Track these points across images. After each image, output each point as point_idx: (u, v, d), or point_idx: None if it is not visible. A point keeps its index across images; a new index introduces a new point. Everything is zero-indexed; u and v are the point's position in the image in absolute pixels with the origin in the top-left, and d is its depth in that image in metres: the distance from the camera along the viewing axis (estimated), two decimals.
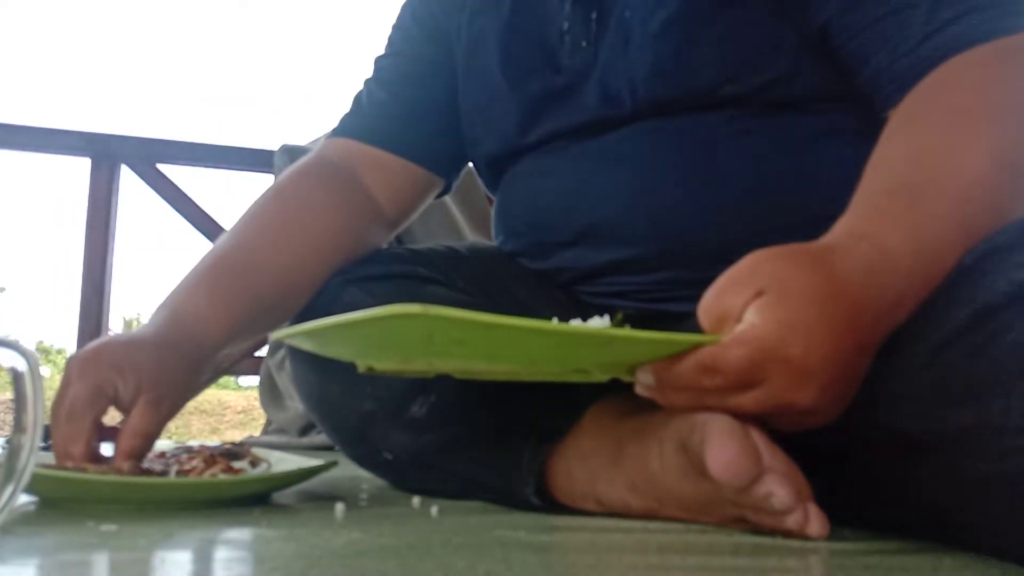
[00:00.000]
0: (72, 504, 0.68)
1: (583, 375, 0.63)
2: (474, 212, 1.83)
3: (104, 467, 0.71)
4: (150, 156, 2.77)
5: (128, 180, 2.76)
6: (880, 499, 0.63)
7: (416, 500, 0.75)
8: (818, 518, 0.59)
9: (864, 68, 0.73)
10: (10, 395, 0.44)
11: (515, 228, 0.91)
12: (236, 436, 4.97)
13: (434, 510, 0.70)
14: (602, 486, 0.70)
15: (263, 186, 0.96)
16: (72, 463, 0.70)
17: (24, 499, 0.69)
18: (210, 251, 0.87)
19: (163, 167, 2.78)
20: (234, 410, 8.72)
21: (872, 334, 0.57)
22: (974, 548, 0.58)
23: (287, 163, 1.81)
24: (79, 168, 2.72)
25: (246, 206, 0.92)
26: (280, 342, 0.80)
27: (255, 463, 0.81)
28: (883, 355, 0.58)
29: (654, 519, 0.68)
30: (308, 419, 1.73)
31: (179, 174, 2.81)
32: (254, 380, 2.48)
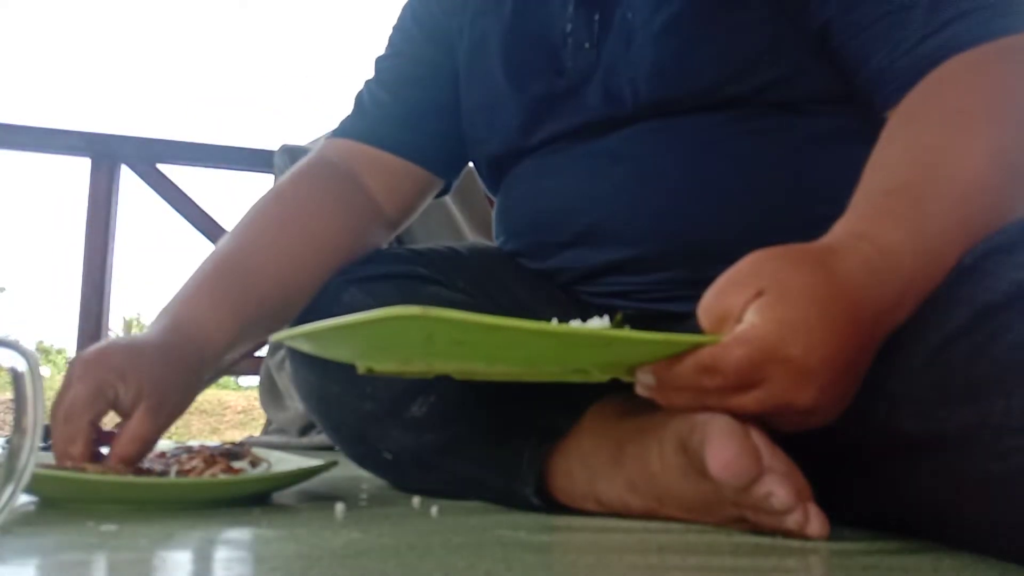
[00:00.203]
0: (72, 504, 0.68)
1: (583, 375, 0.63)
2: (474, 212, 1.83)
3: (104, 467, 0.71)
4: (150, 156, 2.77)
5: (128, 180, 2.76)
6: (880, 499, 0.63)
7: (416, 500, 0.75)
8: (818, 518, 0.59)
9: (864, 68, 0.73)
10: (10, 395, 0.44)
11: (516, 228, 0.91)
12: (236, 436, 4.98)
13: (434, 510, 0.70)
14: (602, 486, 0.70)
15: (263, 186, 0.97)
16: (71, 463, 0.70)
17: (24, 499, 0.69)
18: (210, 255, 0.87)
19: (163, 167, 2.78)
20: (234, 410, 8.73)
21: (872, 334, 0.57)
22: (974, 548, 0.58)
23: (287, 163, 1.81)
24: (79, 168, 2.73)
25: (246, 206, 0.92)
26: (280, 342, 0.80)
27: (255, 463, 0.81)
28: (883, 355, 0.58)
29: (654, 519, 0.68)
30: (308, 419, 1.73)
31: (179, 174, 2.81)
32: (254, 380, 2.48)
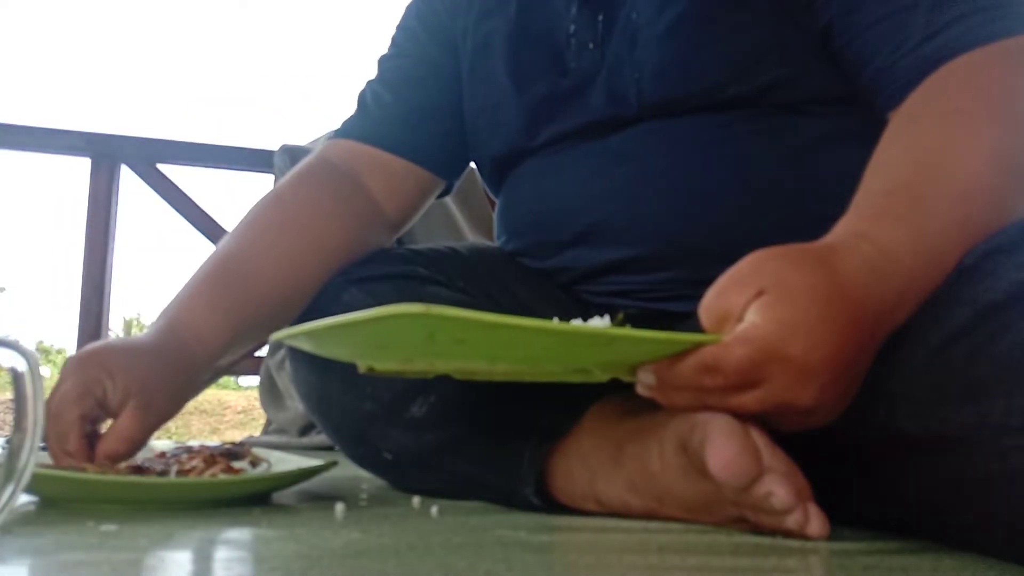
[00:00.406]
0: (72, 504, 0.68)
1: (584, 375, 0.63)
2: (474, 212, 1.83)
3: (104, 467, 0.71)
4: (150, 156, 2.77)
5: (128, 180, 2.76)
6: (880, 499, 0.63)
7: (416, 500, 0.75)
8: (818, 518, 0.59)
9: (865, 69, 0.73)
10: (10, 395, 0.44)
11: (518, 227, 0.91)
12: (236, 436, 4.97)
13: (434, 510, 0.70)
14: (602, 486, 0.70)
15: (263, 186, 0.97)
16: (66, 461, 0.70)
17: (24, 499, 0.69)
18: (210, 257, 0.87)
19: (163, 167, 2.78)
20: (234, 410, 8.72)
21: (873, 334, 0.57)
22: (974, 548, 0.58)
23: (287, 163, 1.81)
24: (79, 168, 2.73)
25: (246, 206, 0.92)
26: (280, 342, 0.80)
27: (255, 463, 0.81)
28: (883, 355, 0.58)
29: (654, 519, 0.68)
30: (308, 419, 1.73)
31: (179, 174, 2.81)
32: (254, 380, 2.48)
